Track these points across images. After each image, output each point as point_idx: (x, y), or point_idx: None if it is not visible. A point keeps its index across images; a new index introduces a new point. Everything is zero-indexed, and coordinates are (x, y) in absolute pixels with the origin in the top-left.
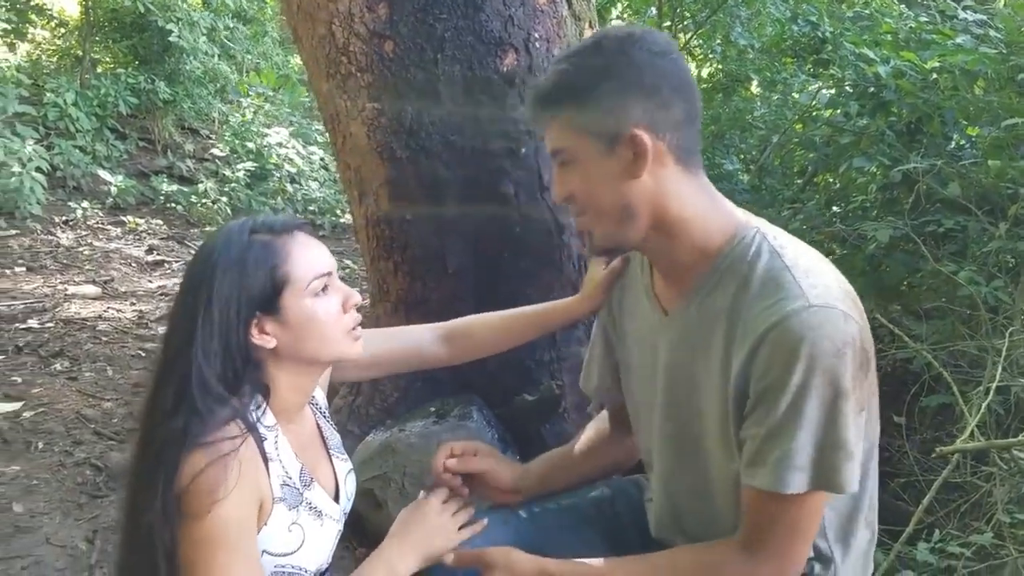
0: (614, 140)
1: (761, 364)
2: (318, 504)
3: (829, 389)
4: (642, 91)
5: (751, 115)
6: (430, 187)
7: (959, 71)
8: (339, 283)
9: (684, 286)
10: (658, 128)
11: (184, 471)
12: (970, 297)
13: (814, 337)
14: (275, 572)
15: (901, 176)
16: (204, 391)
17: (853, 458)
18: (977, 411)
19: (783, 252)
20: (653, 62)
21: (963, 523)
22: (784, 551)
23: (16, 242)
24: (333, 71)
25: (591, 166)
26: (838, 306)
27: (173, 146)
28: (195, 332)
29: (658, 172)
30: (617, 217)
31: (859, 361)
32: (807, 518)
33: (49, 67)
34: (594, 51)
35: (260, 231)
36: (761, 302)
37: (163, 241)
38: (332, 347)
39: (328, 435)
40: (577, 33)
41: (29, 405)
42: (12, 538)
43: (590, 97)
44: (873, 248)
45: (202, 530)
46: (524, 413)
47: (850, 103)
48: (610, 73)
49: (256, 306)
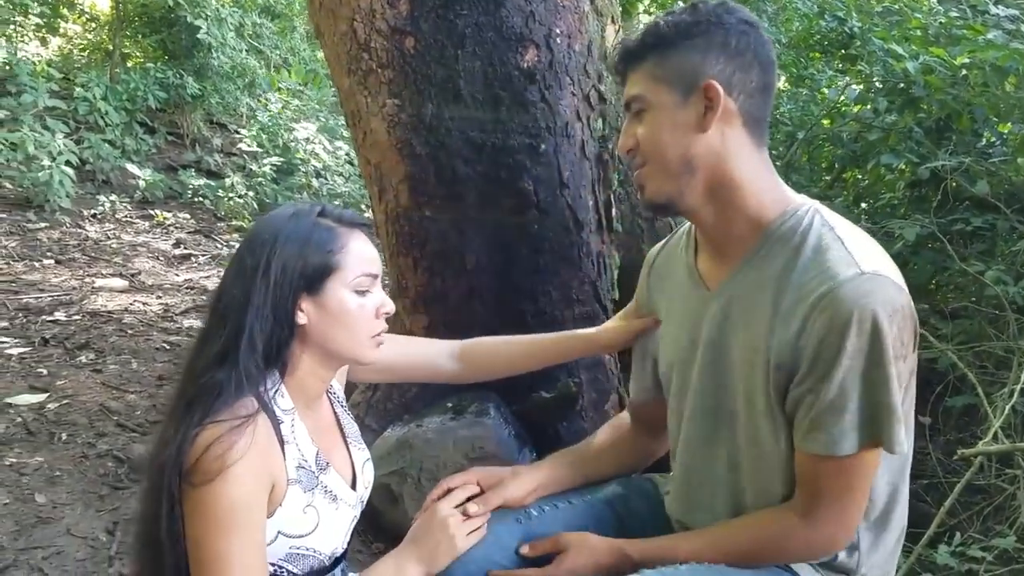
0: (689, 89)
1: (815, 331)
2: (333, 488)
3: (881, 354)
4: (726, 50)
5: (778, 110)
6: (449, 183)
7: (989, 67)
8: (380, 290)
9: (731, 260)
10: (733, 88)
11: (195, 445)
12: (997, 297)
13: (867, 302)
14: (290, 553)
15: (929, 173)
16: (251, 350)
17: (901, 420)
18: (1001, 413)
19: (837, 225)
20: (742, 28)
21: (986, 526)
22: (839, 513)
23: (45, 235)
24: (354, 67)
25: (663, 114)
26: (891, 276)
27: (201, 140)
28: (252, 293)
29: (725, 130)
30: (677, 170)
31: (908, 332)
32: (861, 477)
33: (80, 62)
34: (689, 11)
35: (327, 217)
36: (813, 269)
37: (190, 235)
38: (353, 346)
39: (346, 424)
40: (599, 29)
41: (53, 397)
42: (34, 528)
43: (675, 48)
44: (900, 246)
45: (208, 506)
46: (541, 410)
47: (879, 99)
48: (699, 29)
49: (306, 282)
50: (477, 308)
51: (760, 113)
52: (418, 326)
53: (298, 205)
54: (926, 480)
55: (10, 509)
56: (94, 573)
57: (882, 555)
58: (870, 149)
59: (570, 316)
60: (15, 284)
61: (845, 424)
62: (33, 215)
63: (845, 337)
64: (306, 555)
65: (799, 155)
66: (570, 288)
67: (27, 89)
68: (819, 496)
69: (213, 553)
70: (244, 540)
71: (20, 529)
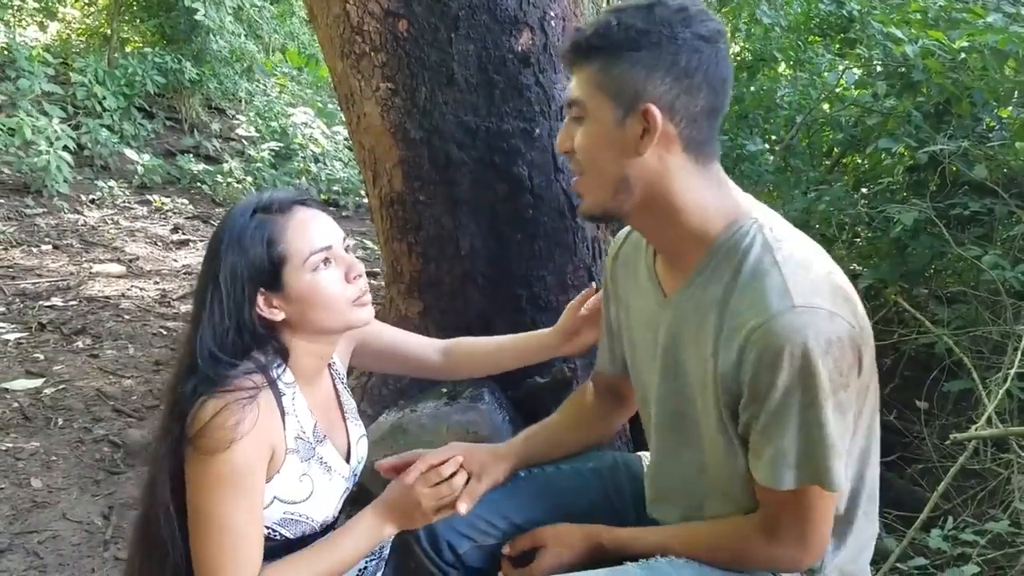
0: (629, 109)
1: (748, 366)
2: (328, 460)
3: (813, 391)
4: (674, 70)
5: (777, 95)
6: (443, 168)
7: (989, 51)
8: (343, 254)
9: (682, 271)
10: (675, 113)
11: (201, 414)
12: (994, 282)
13: (798, 339)
14: (284, 518)
15: (928, 158)
16: (212, 361)
17: (840, 456)
18: (996, 397)
19: (776, 245)
20: (696, 46)
21: (980, 510)
22: (799, 539)
23: (43, 220)
24: (347, 51)
25: (600, 128)
26: (824, 305)
27: (200, 125)
28: (203, 308)
29: (663, 155)
30: (614, 187)
31: (848, 361)
32: (814, 509)
33: (78, 46)
34: (644, 14)
35: (261, 210)
36: (748, 297)
37: (188, 220)
38: (338, 317)
39: (344, 400)
40: (595, 12)
41: (50, 382)
42: (30, 513)
43: (620, 59)
44: (899, 231)
45: (214, 469)
46: (535, 395)
47: (878, 83)
48: (649, 42)
49: (258, 283)
50: (471, 293)
51: (704, 136)
52: (413, 311)
53: (236, 206)
54: (921, 464)
55: (6, 494)
56: (89, 557)
57: (850, 551)
58: (869, 133)
59: (564, 301)
60: (12, 269)
61: (782, 460)
62: (31, 200)
63: (776, 374)
64: (299, 521)
65: (798, 139)
66: (565, 273)
67: (25, 74)
68: (777, 519)
69: (212, 517)
70: (243, 506)
71: (16, 513)
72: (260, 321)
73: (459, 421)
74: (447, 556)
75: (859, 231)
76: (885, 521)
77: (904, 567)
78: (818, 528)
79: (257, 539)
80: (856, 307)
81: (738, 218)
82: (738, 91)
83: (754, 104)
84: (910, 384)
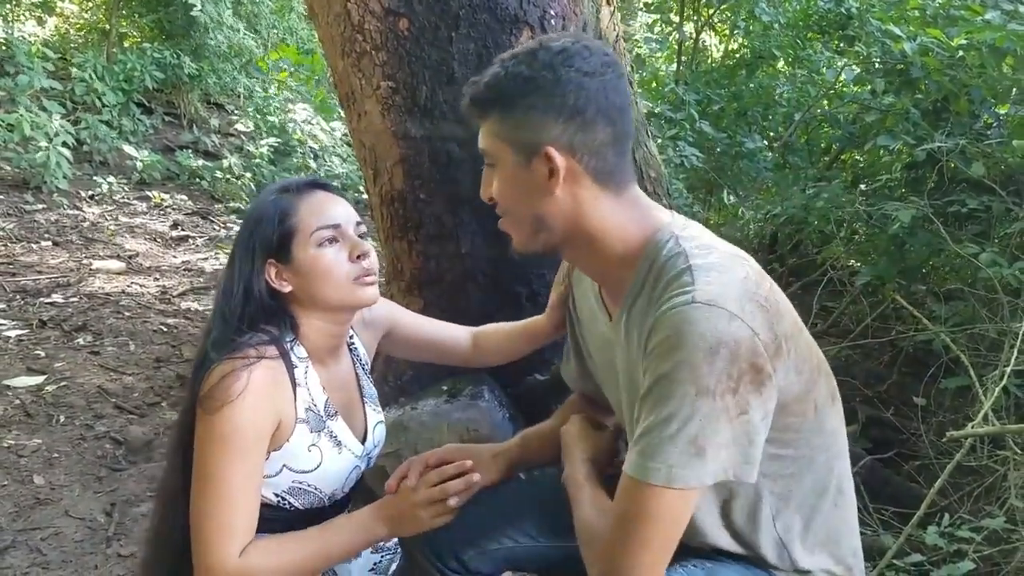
0: (531, 155)
1: (648, 355)
2: (339, 435)
3: (691, 386)
4: (563, 111)
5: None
6: (444, 166)
7: (987, 48)
8: (352, 236)
9: (618, 295)
10: (576, 149)
11: (210, 377)
12: (991, 279)
13: (688, 331)
14: (292, 487)
15: (926, 155)
16: (223, 323)
17: (703, 459)
18: (992, 395)
19: (692, 252)
20: (581, 83)
21: (976, 507)
22: (636, 549)
23: (42, 216)
24: (348, 49)
25: (509, 173)
26: (727, 307)
27: (199, 121)
28: (224, 277)
29: (574, 190)
30: (531, 227)
31: (740, 367)
32: (664, 518)
33: (76, 42)
34: (527, 61)
35: (283, 190)
36: (660, 296)
37: (188, 216)
38: (338, 293)
39: (365, 385)
40: (594, 10)
41: (51, 379)
42: (33, 510)
43: (514, 108)
44: (896, 228)
45: (214, 427)
46: (535, 393)
47: (876, 80)
48: (535, 88)
49: (268, 254)
50: (472, 291)
51: (612, 166)
52: (413, 309)
53: (269, 186)
54: (918, 461)
55: (8, 491)
56: (92, 554)
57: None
58: (867, 131)
59: None
60: (12, 266)
61: (653, 451)
62: (30, 196)
63: (663, 362)
64: (307, 491)
65: (797, 136)
66: None
67: (23, 70)
68: (623, 518)
69: (209, 475)
70: (239, 469)
71: (19, 510)
72: (269, 291)
73: (459, 419)
74: (451, 563)
75: (857, 228)
76: (881, 518)
77: (900, 563)
78: (659, 545)
79: (251, 506)
80: (774, 320)
81: (656, 232)
82: (737, 88)
83: (753, 101)
84: (907, 381)
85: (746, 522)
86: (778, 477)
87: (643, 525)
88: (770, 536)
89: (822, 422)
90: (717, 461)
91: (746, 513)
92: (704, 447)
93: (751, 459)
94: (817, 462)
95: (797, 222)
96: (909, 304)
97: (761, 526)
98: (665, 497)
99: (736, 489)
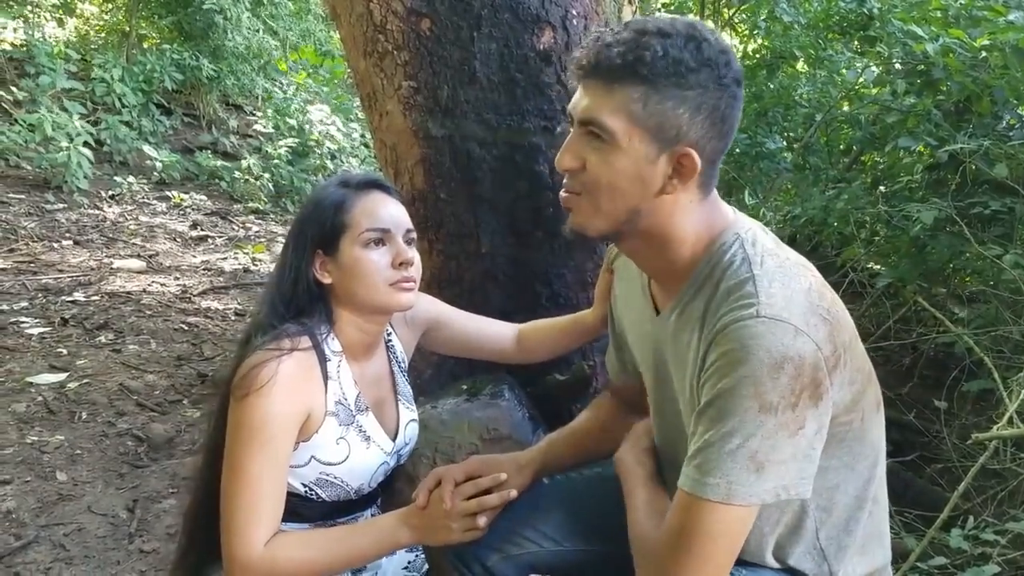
0: (665, 147)
1: (708, 368)
2: (368, 430)
3: (754, 401)
4: (714, 115)
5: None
6: (465, 166)
7: (1010, 49)
8: (399, 242)
9: (672, 289)
10: (704, 155)
11: (244, 364)
12: (1015, 281)
13: (753, 346)
14: (320, 478)
15: (947, 156)
16: (271, 308)
17: (763, 476)
18: (1017, 397)
19: (756, 259)
20: (735, 92)
21: (1000, 510)
22: (693, 567)
23: (63, 216)
24: (370, 49)
25: (627, 162)
26: (792, 321)
27: (217, 122)
28: (282, 259)
29: (680, 194)
30: (619, 217)
31: (803, 382)
32: (722, 536)
33: (96, 43)
34: (693, 50)
35: (343, 184)
36: (722, 307)
37: (207, 216)
38: (374, 295)
39: (400, 384)
40: (616, 10)
41: (74, 376)
42: (55, 506)
43: (666, 90)
44: (918, 230)
45: (242, 416)
46: (555, 392)
47: (897, 81)
48: (698, 80)
49: (317, 244)
50: (492, 291)
51: (715, 176)
52: None
53: (331, 178)
54: (940, 464)
55: (32, 486)
56: (115, 549)
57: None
58: (888, 132)
59: (584, 299)
60: (34, 264)
61: (711, 466)
62: (51, 196)
63: (725, 378)
64: (335, 483)
65: (817, 137)
66: (585, 271)
67: (45, 70)
68: (678, 534)
69: (236, 459)
70: (264, 454)
71: (42, 506)
72: (314, 280)
73: (479, 417)
74: (475, 569)
75: (878, 230)
76: (905, 521)
77: (924, 566)
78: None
79: (275, 495)
80: (835, 332)
81: (722, 234)
82: (757, 89)
83: (773, 102)
84: (929, 383)
85: (789, 536)
86: (823, 489)
87: (700, 542)
88: (811, 548)
89: (867, 431)
90: (776, 478)
91: (791, 527)
92: (764, 464)
93: (808, 474)
94: (857, 471)
95: (817, 223)
96: (931, 306)
97: (803, 538)
98: (723, 514)
99: (785, 504)
